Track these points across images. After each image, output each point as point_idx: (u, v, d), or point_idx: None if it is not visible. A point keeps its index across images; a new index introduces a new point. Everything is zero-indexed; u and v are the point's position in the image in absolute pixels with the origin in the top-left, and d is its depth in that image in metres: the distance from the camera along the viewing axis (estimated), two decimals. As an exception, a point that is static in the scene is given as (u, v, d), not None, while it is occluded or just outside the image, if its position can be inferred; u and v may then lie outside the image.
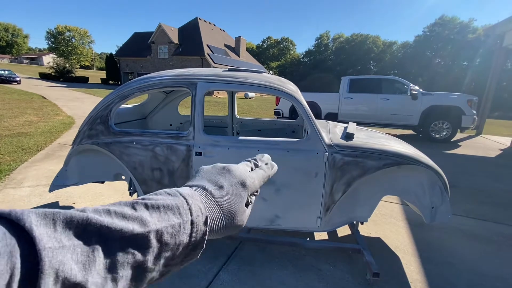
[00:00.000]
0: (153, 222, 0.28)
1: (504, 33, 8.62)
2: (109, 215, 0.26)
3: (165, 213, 0.30)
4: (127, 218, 0.27)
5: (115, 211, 0.27)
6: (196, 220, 0.31)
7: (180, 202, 0.31)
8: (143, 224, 0.27)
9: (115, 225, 0.25)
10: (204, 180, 0.38)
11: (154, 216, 0.29)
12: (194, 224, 0.31)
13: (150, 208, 0.29)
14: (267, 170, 0.45)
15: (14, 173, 3.74)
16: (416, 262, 2.26)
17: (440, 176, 1.99)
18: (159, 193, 0.33)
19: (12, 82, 22.53)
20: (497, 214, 3.19)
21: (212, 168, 0.40)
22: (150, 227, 0.27)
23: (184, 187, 0.36)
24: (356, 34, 55.96)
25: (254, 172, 0.42)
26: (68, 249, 0.22)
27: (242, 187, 0.38)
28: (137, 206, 0.29)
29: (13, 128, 6.25)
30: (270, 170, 0.46)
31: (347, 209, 2.09)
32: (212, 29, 34.67)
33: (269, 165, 0.47)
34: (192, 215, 0.31)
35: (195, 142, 1.99)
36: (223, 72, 2.11)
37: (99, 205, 0.29)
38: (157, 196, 0.32)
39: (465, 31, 40.94)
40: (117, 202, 0.29)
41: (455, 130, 7.15)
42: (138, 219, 0.27)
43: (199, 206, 0.33)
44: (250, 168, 0.43)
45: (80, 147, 2.18)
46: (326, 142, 1.96)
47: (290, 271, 2.07)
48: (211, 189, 0.36)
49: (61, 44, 61.91)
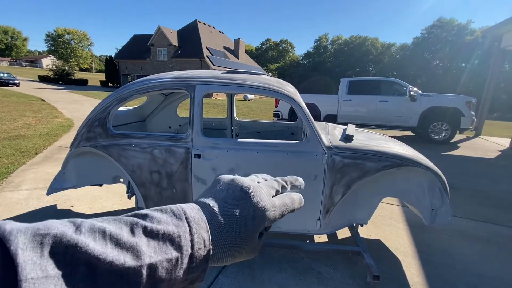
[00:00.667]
0: (148, 254, 0.25)
1: (502, 34, 8.67)
2: (104, 239, 0.24)
3: (164, 244, 0.27)
4: (121, 246, 0.25)
5: (111, 234, 0.25)
6: (197, 254, 0.28)
7: (183, 230, 0.28)
8: (136, 256, 0.25)
9: (106, 256, 0.23)
10: (218, 199, 0.33)
11: (151, 245, 0.26)
12: (194, 258, 0.28)
13: (149, 234, 0.27)
14: (294, 201, 0.37)
15: (12, 176, 3.72)
16: (416, 264, 2.25)
17: (439, 177, 1.99)
18: (165, 211, 0.30)
19: (11, 85, 22.50)
20: (497, 216, 3.19)
21: (230, 185, 0.34)
22: (143, 261, 0.25)
23: (193, 204, 0.32)
24: (355, 36, 56.25)
25: (279, 198, 0.35)
26: (52, 279, 0.20)
27: (259, 218, 0.32)
28: (136, 229, 0.27)
29: (11, 131, 6.23)
30: (296, 203, 0.37)
31: (347, 211, 2.08)
32: (211, 31, 34.79)
33: (298, 198, 0.38)
34: (193, 248, 0.28)
35: (194, 145, 1.98)
36: (221, 74, 2.11)
37: (98, 217, 0.27)
38: (161, 216, 0.29)
39: (463, 33, 41.19)
40: (118, 219, 0.27)
41: (454, 132, 7.17)
42: (133, 248, 0.25)
43: (203, 237, 0.29)
44: (275, 191, 0.36)
45: (78, 149, 2.16)
46: (326, 144, 1.96)
47: (289, 274, 2.06)
48: (221, 219, 0.31)
49: (61, 47, 62.03)
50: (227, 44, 35.94)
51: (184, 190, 2.04)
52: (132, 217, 0.28)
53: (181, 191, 2.05)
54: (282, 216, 0.35)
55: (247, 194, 0.33)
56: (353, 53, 52.98)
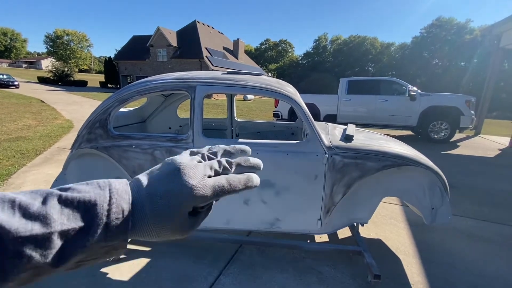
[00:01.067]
0: (60, 221, 0.26)
1: (501, 33, 8.68)
2: (12, 208, 0.25)
3: (78, 211, 0.27)
4: (30, 214, 0.25)
5: (20, 204, 0.25)
6: (113, 224, 0.28)
7: (101, 199, 0.28)
8: (46, 224, 0.25)
9: (11, 224, 0.24)
10: (150, 176, 0.33)
11: (64, 213, 0.26)
12: (111, 227, 0.28)
13: (63, 202, 0.27)
14: (233, 182, 0.34)
15: (13, 177, 3.73)
16: (417, 264, 2.25)
17: (439, 177, 1.99)
18: (91, 184, 0.30)
19: (11, 86, 22.50)
20: (497, 215, 3.19)
21: (166, 163, 0.34)
22: (54, 228, 0.25)
23: (124, 179, 0.33)
24: (354, 35, 56.33)
25: (214, 179, 0.33)
26: None
27: (184, 195, 0.31)
28: (49, 198, 0.27)
29: (11, 133, 6.23)
30: (240, 183, 0.35)
31: (347, 211, 2.09)
32: (210, 32, 34.79)
33: (243, 179, 0.35)
34: (109, 217, 0.28)
35: (194, 145, 1.99)
36: (221, 75, 2.11)
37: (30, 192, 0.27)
38: (84, 187, 0.29)
39: (462, 32, 41.25)
40: (35, 191, 0.28)
41: (453, 131, 7.18)
42: (42, 216, 0.25)
43: (122, 207, 0.29)
44: (213, 171, 0.34)
45: (79, 151, 2.17)
46: (326, 144, 1.96)
47: (290, 274, 2.06)
48: (146, 193, 0.31)
49: (60, 48, 62.06)
50: (227, 45, 35.95)
51: (185, 190, 2.04)
52: (53, 189, 0.29)
53: (182, 191, 2.05)
54: (216, 196, 0.33)
55: (178, 172, 0.32)
56: (352, 52, 53.03)
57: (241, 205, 2.03)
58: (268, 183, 1.98)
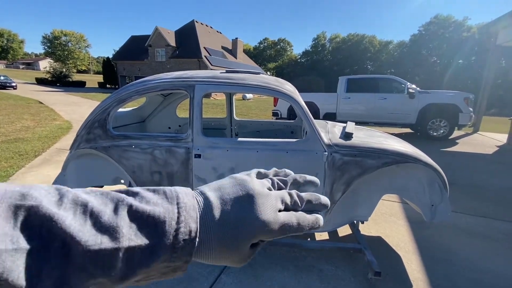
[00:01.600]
0: (127, 236, 0.24)
1: (498, 31, 8.69)
2: (84, 214, 0.23)
3: (147, 227, 0.25)
4: (100, 224, 0.23)
5: (93, 210, 0.24)
6: (180, 245, 0.26)
7: (170, 216, 0.26)
8: (115, 238, 0.23)
9: (82, 235, 0.22)
10: (219, 193, 0.31)
11: (133, 227, 0.25)
12: (176, 248, 0.26)
13: (133, 214, 0.25)
14: (303, 223, 0.32)
15: (12, 179, 3.72)
16: (417, 260, 2.26)
17: (439, 173, 2.00)
18: (157, 192, 0.28)
19: (8, 88, 22.43)
20: (497, 211, 3.21)
21: (237, 183, 0.32)
22: (122, 243, 0.23)
23: (189, 189, 0.30)
24: (353, 34, 56.35)
25: (285, 215, 0.31)
26: (23, 253, 0.19)
27: (256, 228, 0.29)
28: (120, 207, 0.25)
29: (9, 134, 6.21)
30: (306, 226, 0.32)
31: (348, 209, 2.09)
32: (209, 31, 34.73)
33: (312, 220, 0.33)
34: (177, 237, 0.26)
35: (194, 145, 1.99)
36: (220, 74, 2.11)
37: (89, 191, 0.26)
38: (152, 196, 0.27)
39: (459, 30, 41.34)
40: (106, 193, 0.26)
41: (452, 128, 7.20)
42: (112, 229, 0.24)
43: (190, 227, 0.27)
44: (283, 205, 0.32)
45: (78, 151, 2.16)
46: (325, 142, 1.96)
47: (291, 272, 2.07)
48: (216, 214, 0.29)
49: (58, 49, 61.88)
50: (225, 44, 35.90)
51: (185, 190, 2.04)
52: (122, 193, 0.27)
53: (182, 191, 2.05)
54: (282, 234, 0.31)
55: (251, 200, 0.30)
56: (351, 51, 53.08)
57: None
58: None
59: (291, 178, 0.37)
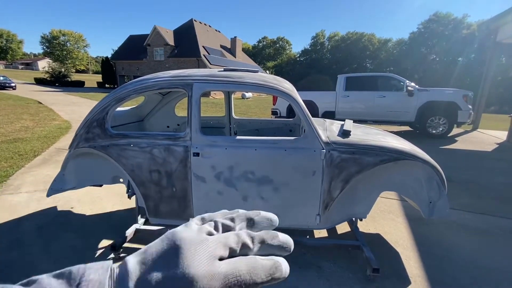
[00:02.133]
0: None
1: (498, 28, 8.69)
2: None
3: None
4: None
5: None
6: None
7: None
8: None
9: None
10: (144, 256, 0.25)
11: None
12: None
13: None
14: (256, 270, 0.25)
15: (11, 179, 3.72)
16: (415, 257, 2.27)
17: (437, 170, 2.01)
18: (62, 275, 0.24)
19: (7, 88, 22.40)
20: (495, 208, 3.22)
21: (167, 237, 0.26)
22: None
23: (106, 263, 0.25)
24: (351, 32, 56.24)
25: (228, 264, 0.25)
26: None
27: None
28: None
29: (9, 134, 6.21)
30: (264, 273, 0.26)
31: (346, 206, 2.10)
32: (207, 30, 34.64)
33: (269, 266, 0.26)
34: None
35: (193, 143, 1.99)
36: (218, 72, 2.11)
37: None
38: (52, 282, 0.23)
39: (459, 27, 41.26)
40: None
41: (451, 126, 7.20)
42: None
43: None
44: (227, 250, 0.26)
45: (77, 150, 2.17)
46: (323, 139, 1.97)
47: (290, 269, 2.07)
48: (131, 283, 0.23)
49: (56, 49, 61.72)
50: (224, 43, 35.82)
51: (184, 188, 2.05)
52: (23, 285, 0.23)
53: (181, 189, 2.06)
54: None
55: (177, 251, 0.24)
56: (350, 49, 53.01)
57: (240, 201, 2.04)
58: (267, 180, 1.99)
59: (242, 215, 0.31)
